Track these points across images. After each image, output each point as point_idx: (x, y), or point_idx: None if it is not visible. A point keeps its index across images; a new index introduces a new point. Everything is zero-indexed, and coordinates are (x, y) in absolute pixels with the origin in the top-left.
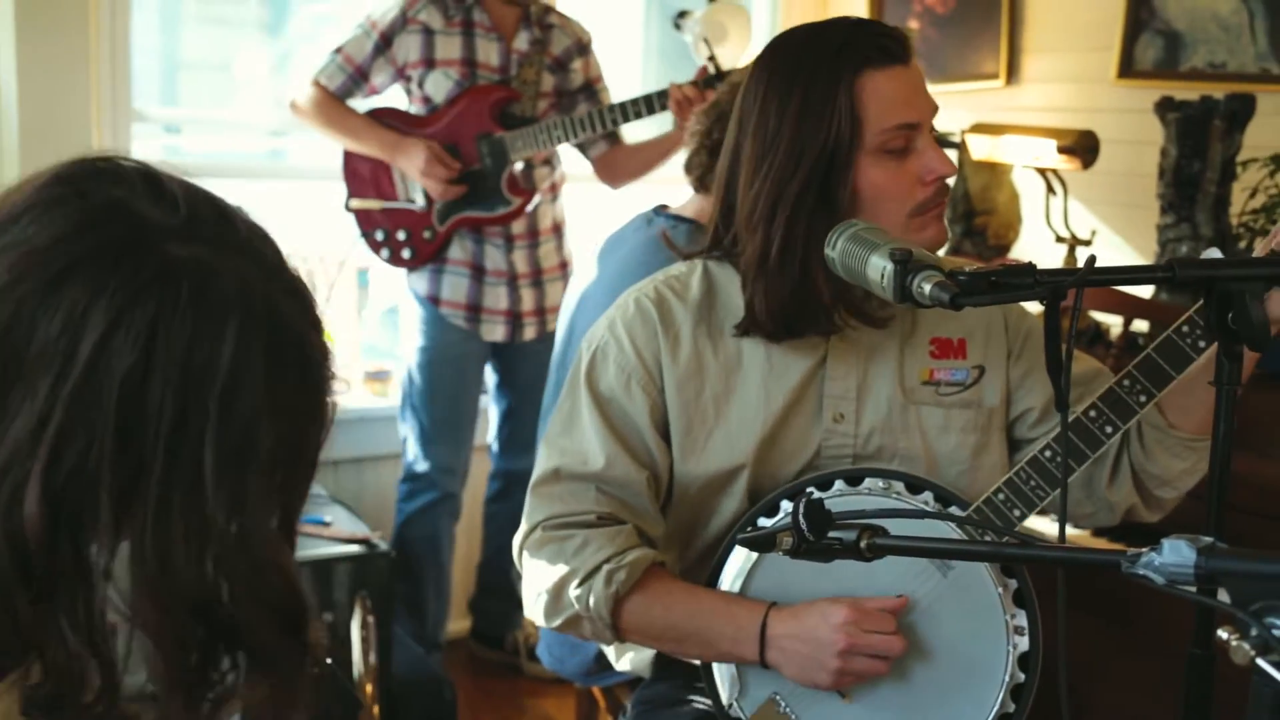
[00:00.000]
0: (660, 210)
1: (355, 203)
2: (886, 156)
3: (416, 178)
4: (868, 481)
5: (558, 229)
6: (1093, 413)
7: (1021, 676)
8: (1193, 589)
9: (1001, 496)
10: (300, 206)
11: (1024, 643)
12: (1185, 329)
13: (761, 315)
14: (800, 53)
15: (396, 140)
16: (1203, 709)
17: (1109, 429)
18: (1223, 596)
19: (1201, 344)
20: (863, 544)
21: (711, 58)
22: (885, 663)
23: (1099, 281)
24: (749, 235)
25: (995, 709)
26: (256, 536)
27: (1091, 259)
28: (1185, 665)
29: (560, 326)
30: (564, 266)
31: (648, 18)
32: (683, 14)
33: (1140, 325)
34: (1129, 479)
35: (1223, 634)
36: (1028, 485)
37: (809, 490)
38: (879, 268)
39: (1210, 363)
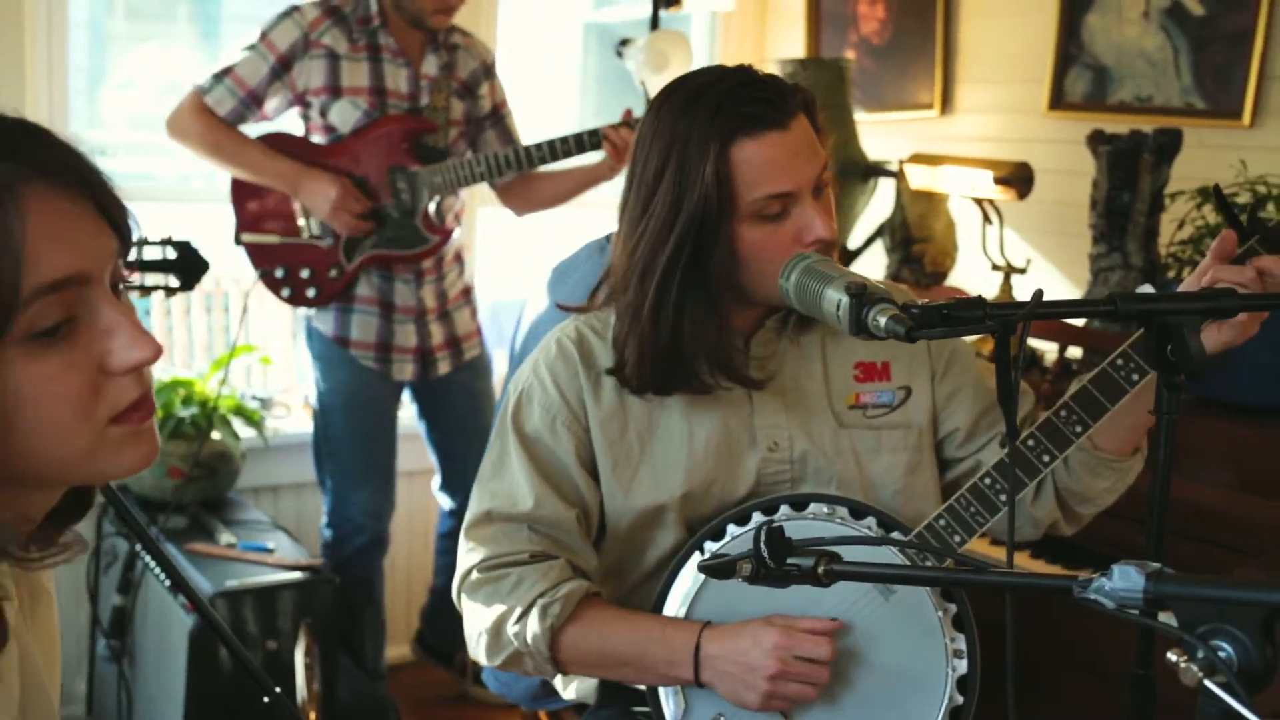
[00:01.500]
0: (613, 237)
1: (248, 237)
2: (763, 220)
3: (325, 214)
4: (812, 507)
5: (459, 257)
6: (1031, 442)
7: (960, 699)
8: (1140, 613)
9: (943, 522)
10: (209, 227)
11: (963, 666)
12: (1120, 362)
13: (631, 370)
14: (680, 114)
15: (301, 172)
16: None
17: (1046, 458)
18: (1166, 619)
19: (1135, 377)
20: (820, 570)
21: (644, 86)
22: (815, 688)
23: (1046, 315)
24: (622, 292)
25: None
26: None
27: (1039, 293)
28: (1130, 685)
29: (513, 359)
30: (467, 292)
31: (586, 45)
32: (624, 42)
33: (1074, 352)
34: (1052, 496)
35: (1171, 656)
36: (968, 511)
37: (770, 519)
38: (834, 300)
39: (1136, 393)
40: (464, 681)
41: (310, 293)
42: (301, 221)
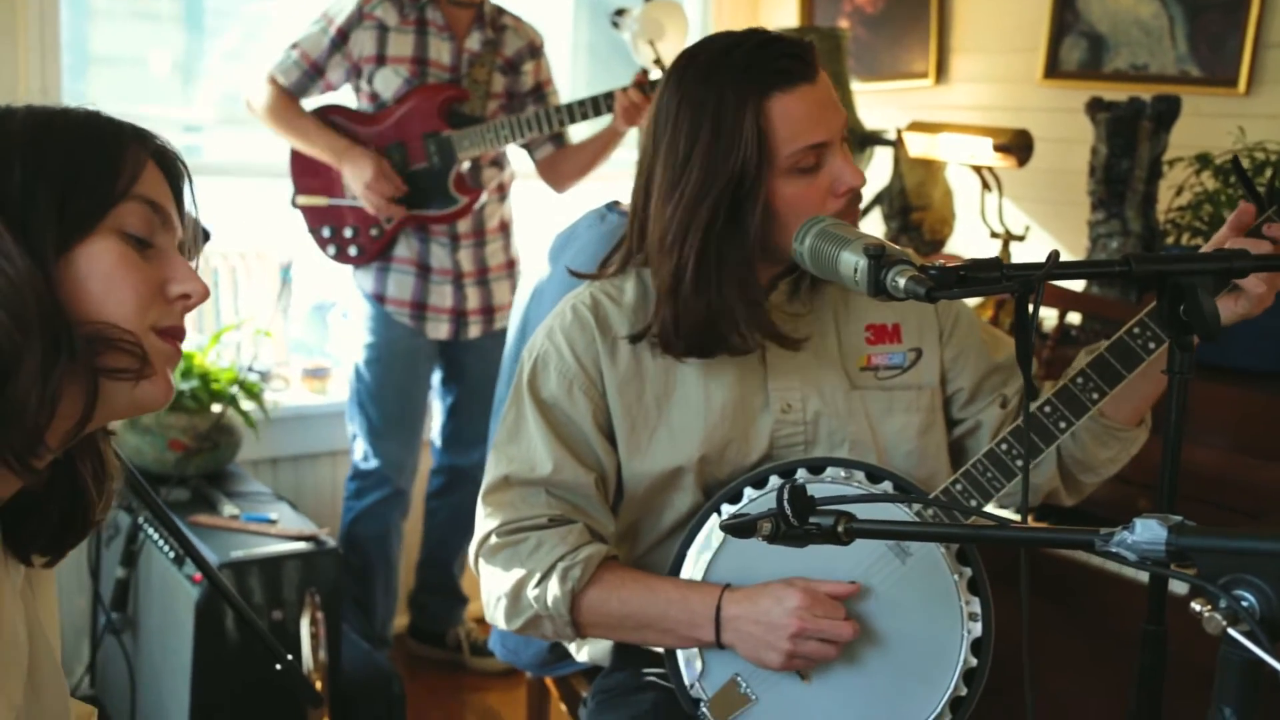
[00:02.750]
0: (613, 206)
1: (302, 199)
2: (798, 174)
3: (359, 192)
4: (829, 470)
5: (504, 228)
6: (1047, 408)
7: (974, 661)
8: (1164, 565)
9: (959, 487)
10: (217, 203)
11: (977, 628)
12: (1136, 330)
13: (671, 336)
14: (707, 76)
15: (346, 148)
16: (1155, 682)
17: (1062, 424)
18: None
19: (1152, 345)
20: (840, 529)
21: (657, 60)
22: (835, 647)
23: (1063, 275)
24: (662, 258)
25: (949, 692)
26: None
27: (1055, 253)
28: (1140, 640)
29: (513, 323)
30: (511, 265)
31: (577, 15)
32: (620, 12)
33: (1074, 318)
34: (1054, 464)
35: (1195, 606)
36: (984, 476)
37: (795, 476)
38: (852, 263)
39: (1148, 365)
40: (460, 655)
41: (352, 251)
42: (346, 185)
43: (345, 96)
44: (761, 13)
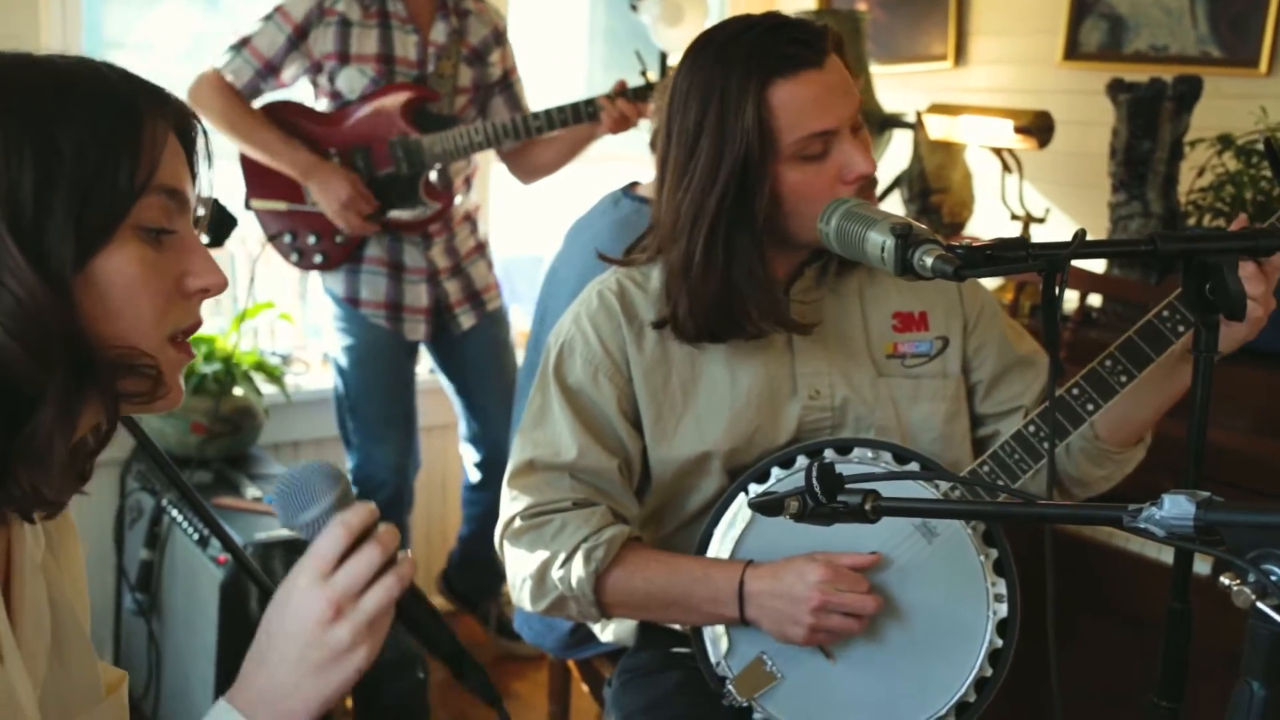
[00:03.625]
0: (629, 190)
1: (257, 204)
2: (805, 161)
3: (333, 212)
4: (856, 451)
5: (469, 216)
6: (1075, 390)
7: (999, 642)
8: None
9: (986, 469)
10: (229, 187)
11: (1003, 610)
12: (1165, 314)
13: (684, 321)
14: (717, 60)
15: (313, 164)
16: (1179, 661)
17: (1090, 406)
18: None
19: (1180, 328)
20: (867, 506)
21: (643, 72)
22: (859, 621)
23: (1088, 254)
24: (672, 243)
25: (973, 672)
26: (3, 268)
27: (1081, 232)
28: (1165, 618)
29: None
30: (480, 247)
31: (594, 2)
32: None
33: (1095, 300)
34: (1052, 492)
35: (1224, 580)
36: (1011, 458)
37: (823, 455)
38: (879, 243)
39: (1150, 385)
40: (489, 629)
41: (317, 258)
42: (306, 190)
43: (300, 92)
44: None
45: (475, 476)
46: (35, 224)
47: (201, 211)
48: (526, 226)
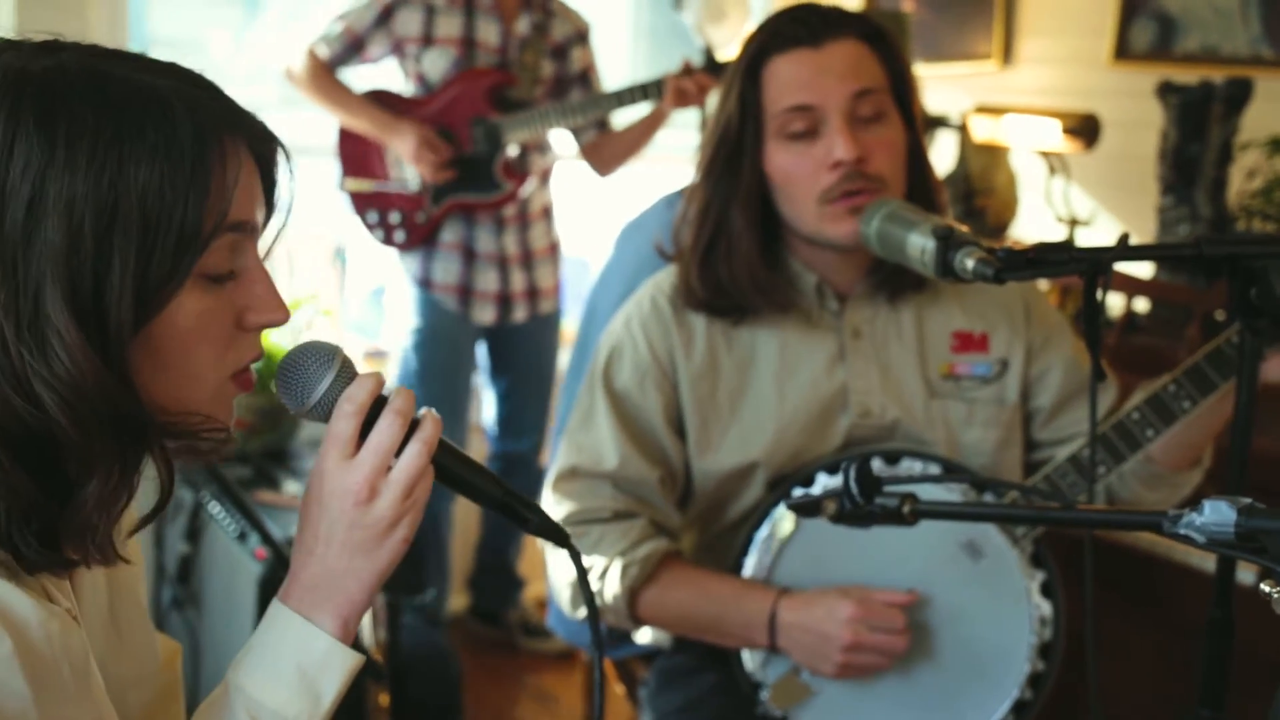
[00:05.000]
0: (684, 193)
1: (349, 183)
2: (791, 141)
3: (409, 159)
4: (905, 461)
5: (547, 212)
6: (1136, 415)
7: (1041, 666)
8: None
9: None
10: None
11: (1047, 633)
12: (1236, 340)
13: (690, 294)
14: (741, 47)
15: (390, 121)
16: (1221, 670)
17: (1150, 431)
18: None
19: None
20: (905, 510)
21: (708, 44)
22: (889, 659)
23: (1132, 257)
24: (689, 227)
25: (1013, 696)
26: (53, 337)
27: (1125, 235)
28: (1205, 626)
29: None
30: (553, 249)
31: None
32: None
33: (1140, 305)
34: (1102, 499)
35: (1265, 587)
36: (1064, 480)
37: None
38: (919, 245)
39: (1209, 409)
40: (516, 636)
41: (399, 236)
42: (393, 170)
43: (391, 79)
44: None
45: (494, 468)
46: (95, 297)
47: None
48: (574, 229)
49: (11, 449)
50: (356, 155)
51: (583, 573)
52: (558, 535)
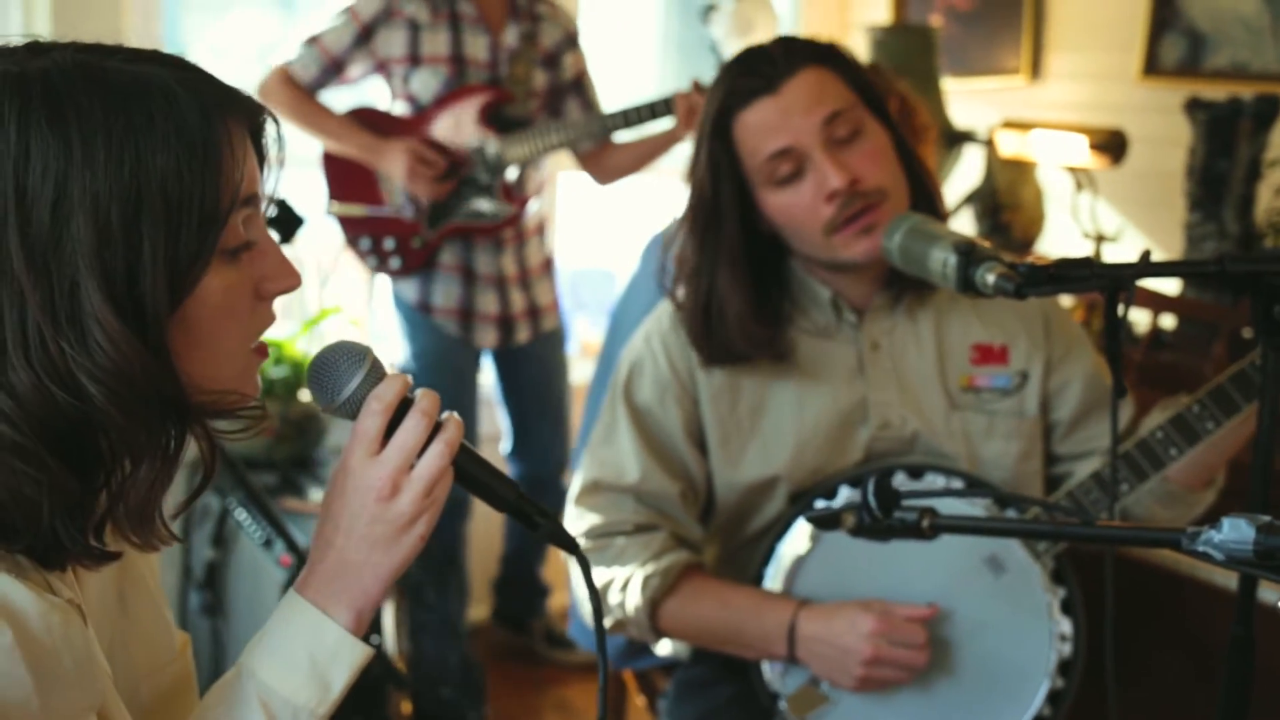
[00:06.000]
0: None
1: (337, 208)
2: (782, 185)
3: (402, 179)
4: (929, 476)
5: (541, 228)
6: (1160, 434)
7: (1060, 683)
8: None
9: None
10: (306, 194)
11: (1067, 650)
12: (1259, 362)
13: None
14: (704, 107)
15: (376, 144)
16: (1243, 687)
17: (1173, 450)
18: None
19: None
20: (924, 523)
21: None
22: (909, 674)
23: (1154, 272)
24: (684, 288)
25: (1033, 712)
26: (94, 328)
27: (1147, 252)
28: (1227, 643)
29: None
30: (548, 264)
31: (668, 11)
32: (710, 8)
33: (1167, 321)
34: (1117, 517)
35: (1267, 596)
36: (1087, 497)
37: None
38: (940, 259)
39: (1230, 431)
40: (539, 645)
41: (394, 263)
42: (386, 194)
43: (377, 98)
44: (854, 8)
45: None
46: (129, 285)
47: (272, 211)
48: (597, 240)
49: (54, 446)
50: (344, 178)
51: (590, 580)
52: (567, 542)
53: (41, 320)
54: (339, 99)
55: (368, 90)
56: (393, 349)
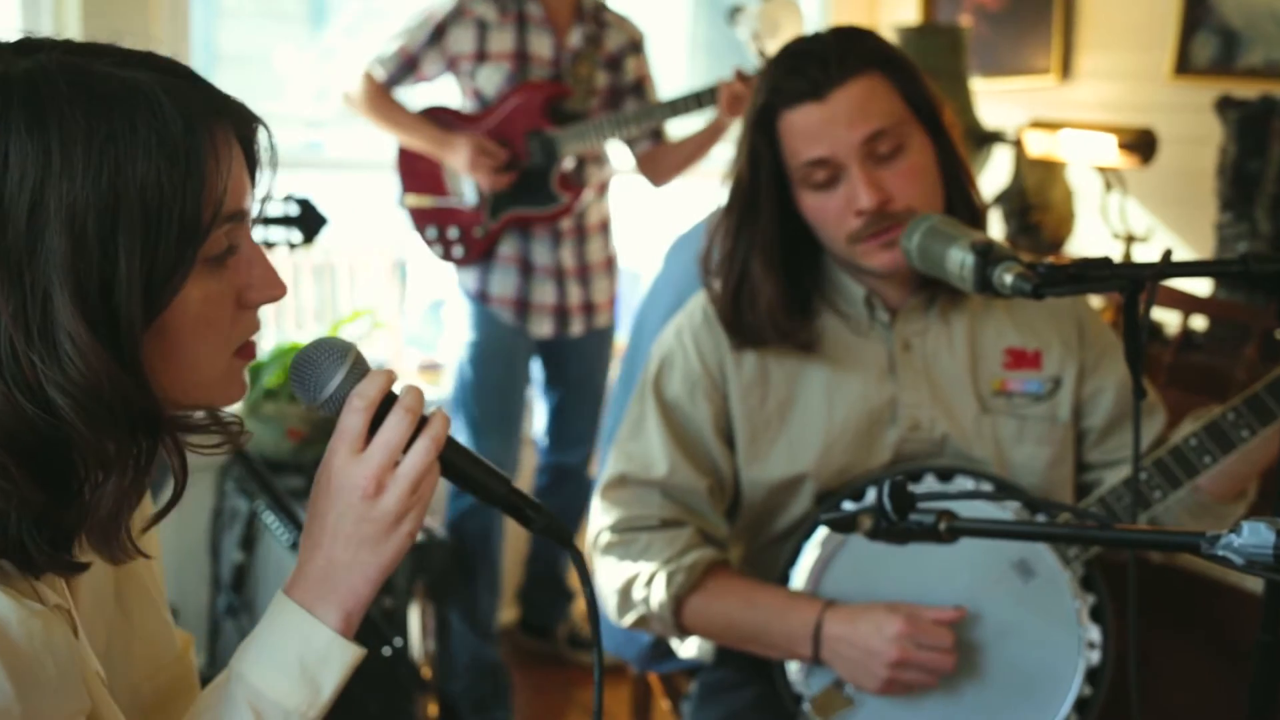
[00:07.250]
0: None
1: (409, 199)
2: (815, 188)
3: (464, 170)
4: (959, 479)
5: (604, 226)
6: (1194, 441)
7: (1088, 690)
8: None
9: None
10: (338, 198)
11: (1095, 657)
12: None
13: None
14: (753, 95)
15: (443, 136)
16: (1270, 694)
17: (1207, 458)
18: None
19: None
20: (941, 526)
21: (761, 53)
22: (935, 677)
23: (1175, 272)
24: (718, 274)
25: (1058, 719)
26: (65, 341)
27: (1168, 252)
28: (1253, 651)
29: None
30: (609, 263)
31: (695, 13)
32: (737, 9)
33: (1197, 323)
34: (1138, 518)
35: None
36: (1120, 504)
37: (923, 479)
38: (958, 259)
39: (1265, 440)
40: (563, 648)
41: (458, 251)
42: (451, 185)
43: (449, 95)
44: (882, 8)
45: (543, 481)
46: (104, 297)
47: (260, 212)
48: (623, 242)
49: (22, 458)
50: (416, 172)
51: (585, 574)
52: (561, 536)
53: (13, 331)
54: (418, 97)
55: (443, 91)
56: (451, 337)
